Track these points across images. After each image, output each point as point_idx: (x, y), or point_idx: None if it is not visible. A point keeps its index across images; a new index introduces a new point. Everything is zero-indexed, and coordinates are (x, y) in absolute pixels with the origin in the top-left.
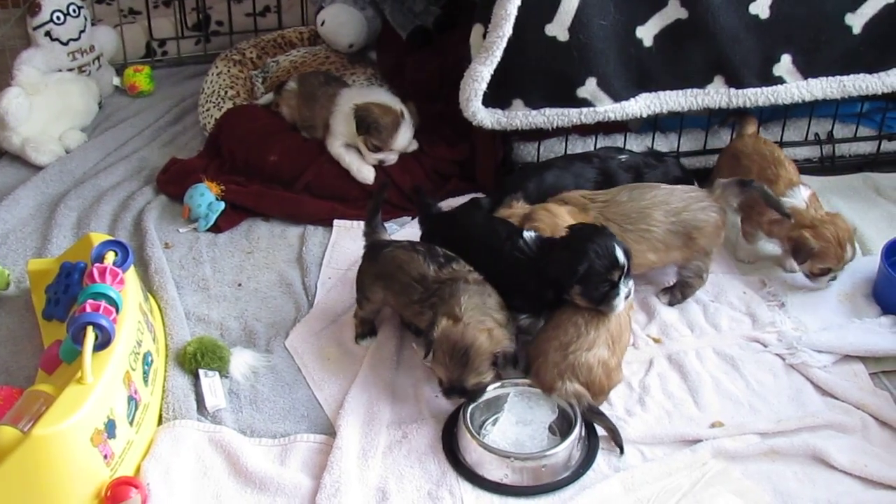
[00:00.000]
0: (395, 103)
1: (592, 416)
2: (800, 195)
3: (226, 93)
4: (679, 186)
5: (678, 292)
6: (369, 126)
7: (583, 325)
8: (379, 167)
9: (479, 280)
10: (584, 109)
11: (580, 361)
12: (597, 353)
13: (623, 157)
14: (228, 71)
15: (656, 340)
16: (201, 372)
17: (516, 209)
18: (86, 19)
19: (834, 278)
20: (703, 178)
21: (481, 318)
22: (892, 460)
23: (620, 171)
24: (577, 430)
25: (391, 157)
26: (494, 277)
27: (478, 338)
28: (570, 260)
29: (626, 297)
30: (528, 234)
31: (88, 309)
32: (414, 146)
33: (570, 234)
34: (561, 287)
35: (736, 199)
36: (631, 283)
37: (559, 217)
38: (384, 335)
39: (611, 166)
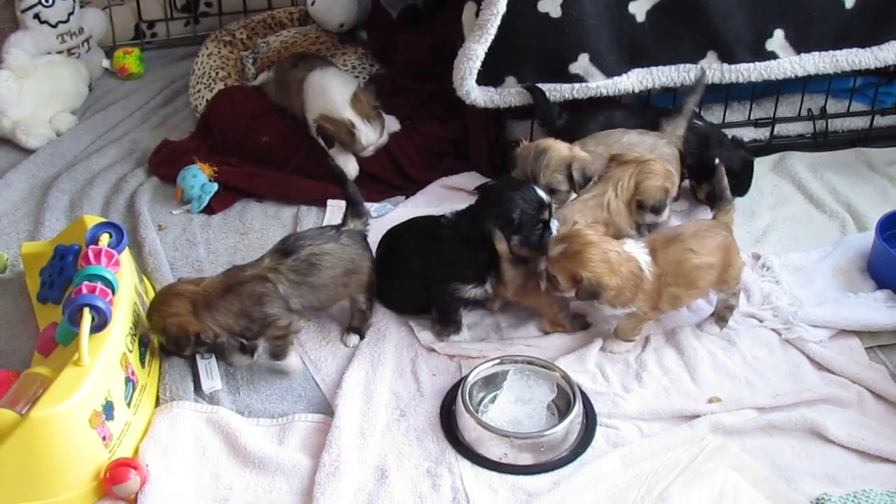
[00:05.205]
0: (346, 96)
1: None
2: None
3: (216, 74)
4: (641, 131)
5: None
6: (331, 142)
7: None
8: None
9: None
10: (577, 85)
11: None
12: None
13: (698, 122)
14: (219, 52)
15: None
16: (198, 354)
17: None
18: (74, 1)
19: None
20: None
21: None
22: (888, 434)
23: (689, 134)
24: (576, 409)
25: (369, 150)
26: (435, 260)
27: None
28: (504, 211)
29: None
30: (446, 214)
31: (84, 291)
32: (395, 126)
33: (488, 191)
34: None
35: (680, 129)
36: (555, 222)
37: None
38: (381, 315)
39: None
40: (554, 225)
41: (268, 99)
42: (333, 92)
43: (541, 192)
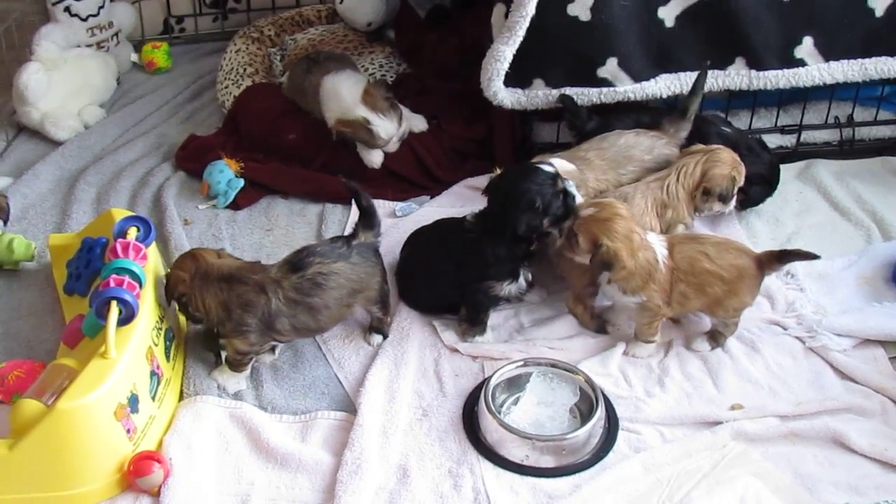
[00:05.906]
0: (357, 95)
1: None
2: None
3: (244, 70)
4: (639, 131)
5: None
6: (352, 144)
7: None
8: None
9: None
10: (605, 89)
11: None
12: None
13: (726, 129)
14: (247, 48)
15: (675, 321)
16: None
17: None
18: None
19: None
20: None
21: None
22: None
23: (717, 139)
24: (599, 413)
25: (392, 147)
26: (468, 261)
27: None
28: (526, 206)
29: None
30: (467, 216)
31: (112, 284)
32: (422, 125)
33: (497, 190)
34: (534, 232)
35: (684, 132)
36: (571, 183)
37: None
38: (404, 314)
39: (709, 131)
40: (571, 186)
41: None
42: (344, 93)
43: (546, 167)
